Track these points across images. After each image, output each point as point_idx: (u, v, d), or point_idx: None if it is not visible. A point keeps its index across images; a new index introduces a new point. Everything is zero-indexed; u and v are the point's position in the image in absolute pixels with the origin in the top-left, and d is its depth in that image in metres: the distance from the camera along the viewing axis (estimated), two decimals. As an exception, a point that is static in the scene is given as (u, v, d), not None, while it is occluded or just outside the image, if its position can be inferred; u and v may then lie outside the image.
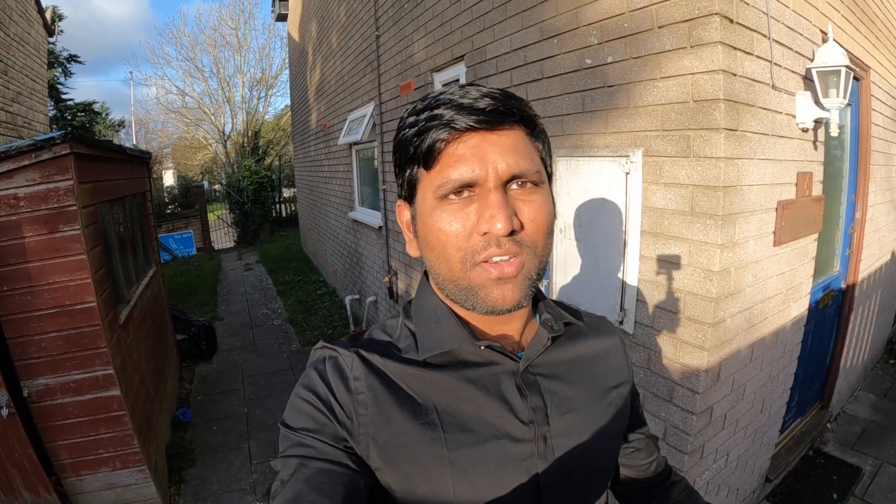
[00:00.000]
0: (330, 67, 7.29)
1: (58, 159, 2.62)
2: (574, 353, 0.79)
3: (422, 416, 0.66)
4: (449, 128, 0.61)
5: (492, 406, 0.68)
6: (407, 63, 4.27)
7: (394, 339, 0.74)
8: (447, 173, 0.62)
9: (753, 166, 1.91)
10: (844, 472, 3.04)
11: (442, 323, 0.70)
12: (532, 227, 0.64)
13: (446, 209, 0.63)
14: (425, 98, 0.65)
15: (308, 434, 0.64)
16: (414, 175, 0.67)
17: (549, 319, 0.75)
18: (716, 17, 1.69)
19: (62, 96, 17.37)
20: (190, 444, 4.08)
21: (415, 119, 0.64)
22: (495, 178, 0.61)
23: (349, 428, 0.65)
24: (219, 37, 20.98)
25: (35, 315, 2.70)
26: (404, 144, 0.66)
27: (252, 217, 15.05)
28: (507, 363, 0.71)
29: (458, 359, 0.70)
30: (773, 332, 2.28)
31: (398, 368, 0.69)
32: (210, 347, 5.97)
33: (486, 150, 0.62)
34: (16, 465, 2.73)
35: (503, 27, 2.81)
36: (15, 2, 5.63)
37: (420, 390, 0.68)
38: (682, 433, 2.00)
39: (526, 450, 0.68)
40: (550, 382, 0.73)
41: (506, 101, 0.63)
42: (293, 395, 0.70)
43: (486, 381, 0.69)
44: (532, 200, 0.64)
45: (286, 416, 0.68)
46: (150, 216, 5.18)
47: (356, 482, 0.62)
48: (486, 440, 0.67)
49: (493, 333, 0.72)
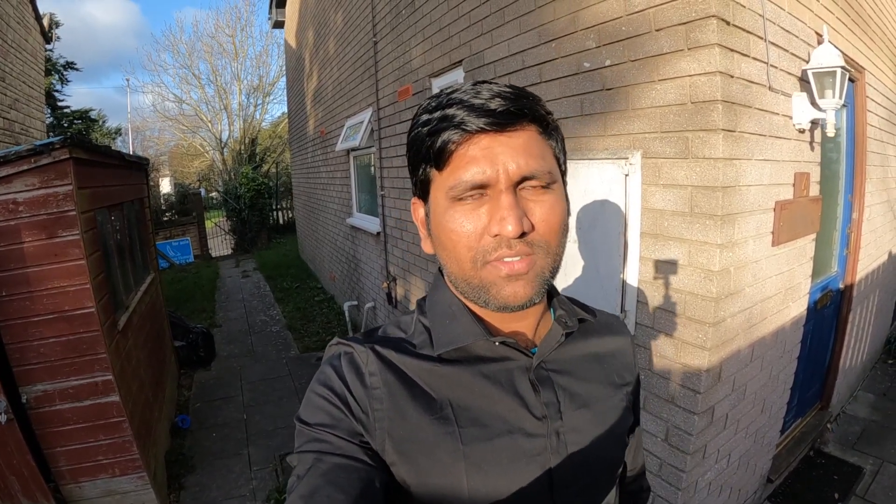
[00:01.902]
0: (327, 74, 7.31)
1: (57, 164, 2.62)
2: (587, 349, 0.79)
3: (436, 410, 0.67)
4: (460, 129, 0.61)
5: (506, 401, 0.69)
6: (405, 69, 4.29)
7: (408, 335, 0.74)
8: (459, 175, 0.63)
9: (751, 167, 1.92)
10: (845, 471, 3.04)
11: (457, 319, 0.71)
12: (544, 228, 0.64)
13: (458, 210, 0.64)
14: (439, 95, 0.66)
15: (324, 429, 0.65)
16: (427, 174, 0.68)
17: (563, 316, 0.76)
18: (712, 20, 1.70)
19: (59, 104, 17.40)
20: (189, 450, 4.06)
21: (428, 118, 0.64)
22: (506, 180, 0.62)
23: (365, 423, 0.66)
24: (216, 44, 21.01)
25: (34, 320, 2.69)
26: (417, 143, 0.66)
27: (249, 224, 15.05)
28: (520, 359, 0.71)
29: (472, 354, 0.71)
30: (773, 332, 2.29)
31: (413, 364, 0.70)
32: (208, 354, 5.96)
33: (496, 152, 0.62)
34: (14, 472, 2.71)
35: (501, 32, 2.83)
36: (12, 8, 5.64)
37: (435, 385, 0.68)
38: (684, 433, 2.00)
39: (539, 444, 0.69)
40: (563, 378, 0.74)
41: (517, 100, 0.63)
42: (309, 390, 0.70)
43: (500, 377, 0.70)
44: (544, 201, 0.64)
45: (302, 412, 0.68)
46: (148, 222, 5.18)
47: (372, 477, 0.62)
48: (499, 435, 0.67)
49: (507, 329, 0.73)
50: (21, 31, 5.87)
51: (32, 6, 6.41)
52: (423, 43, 3.86)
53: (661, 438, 2.10)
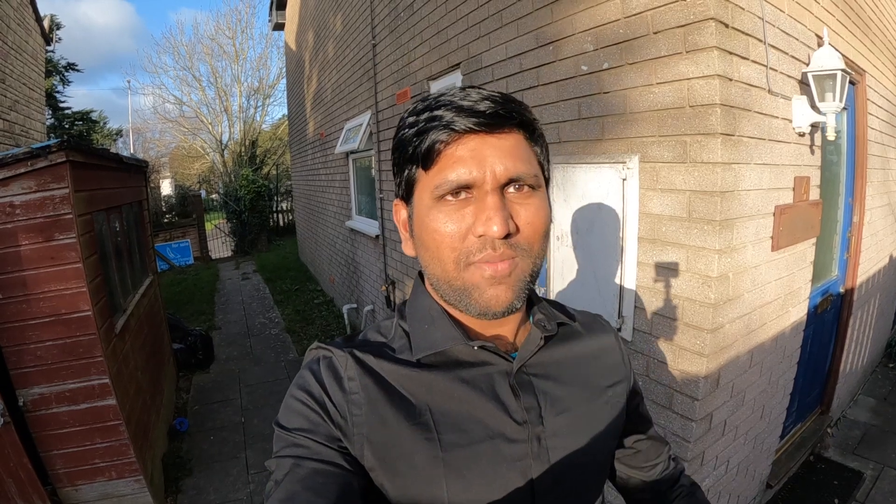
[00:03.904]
0: (327, 76, 7.31)
1: (54, 167, 2.61)
2: (568, 352, 0.79)
3: (415, 416, 0.66)
4: (448, 129, 0.61)
5: (486, 406, 0.68)
6: (403, 72, 4.28)
7: (388, 339, 0.74)
8: (445, 174, 0.62)
9: (750, 171, 1.91)
10: (846, 476, 3.02)
11: (436, 323, 0.71)
12: (528, 230, 0.64)
13: (442, 209, 0.64)
14: (426, 98, 0.66)
15: (302, 434, 0.64)
16: (412, 175, 0.67)
17: (543, 319, 0.76)
18: (711, 22, 1.69)
19: (60, 105, 17.42)
20: (186, 453, 4.04)
21: (415, 119, 0.64)
22: (493, 181, 0.62)
23: (343, 428, 0.65)
24: (216, 46, 21.05)
25: (31, 323, 2.68)
26: (403, 144, 0.66)
27: (249, 226, 15.04)
28: (500, 363, 0.71)
29: (451, 359, 0.70)
30: (773, 338, 2.27)
31: (392, 369, 0.69)
32: (207, 357, 5.94)
33: (484, 153, 0.62)
34: (11, 475, 2.70)
35: (499, 35, 2.82)
36: (13, 10, 5.64)
37: (414, 391, 0.68)
38: (682, 440, 1.99)
39: (520, 450, 0.68)
40: (544, 382, 0.73)
41: (506, 104, 0.63)
42: (287, 395, 0.69)
43: (480, 382, 0.69)
44: (529, 204, 0.64)
45: (280, 417, 0.68)
46: (146, 225, 5.17)
47: (350, 482, 0.62)
48: (480, 440, 0.66)
49: (487, 334, 0.73)
50: (21, 32, 5.87)
51: (33, 8, 6.42)
52: (422, 46, 3.85)
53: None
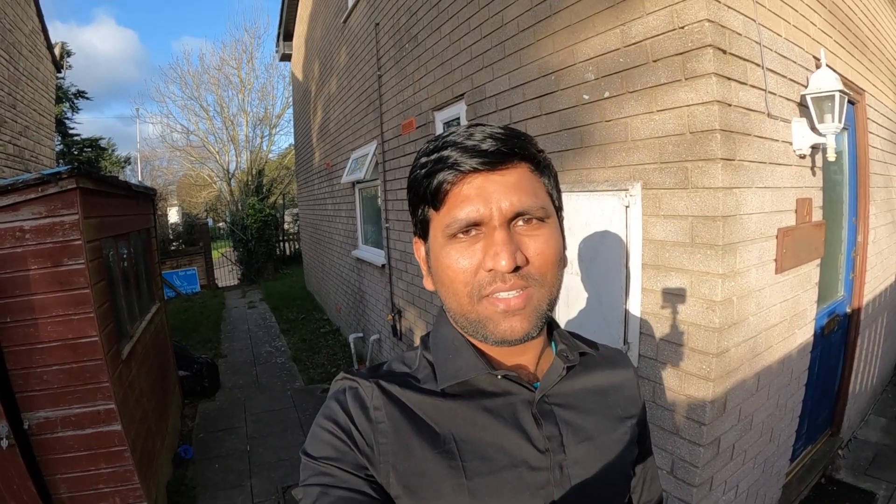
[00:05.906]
0: (333, 106, 7.42)
1: (64, 193, 2.66)
2: (589, 383, 0.80)
3: (440, 444, 0.67)
4: (454, 170, 0.64)
5: (509, 435, 0.70)
6: (408, 102, 4.36)
7: (413, 370, 0.76)
8: (454, 213, 0.65)
9: (752, 195, 1.92)
10: (858, 498, 2.97)
11: (459, 353, 0.72)
12: (539, 261, 0.66)
13: (455, 247, 0.66)
14: (436, 138, 0.69)
15: (329, 463, 0.65)
16: (426, 214, 0.70)
17: (565, 350, 0.77)
18: (709, 49, 1.73)
19: (69, 131, 17.65)
20: (191, 481, 4.01)
21: (425, 160, 0.67)
22: (500, 217, 0.64)
23: (370, 456, 0.66)
24: (222, 76, 21.42)
25: (37, 347, 2.69)
26: (415, 185, 0.69)
27: (256, 255, 15.09)
28: (523, 393, 0.72)
29: (475, 388, 0.72)
30: (779, 360, 2.26)
31: (417, 398, 0.71)
32: (213, 384, 5.92)
33: (489, 191, 0.64)
34: (14, 497, 2.68)
35: (502, 65, 2.88)
36: (25, 37, 5.79)
37: (438, 420, 0.69)
38: (690, 465, 1.97)
39: (542, 478, 0.69)
40: (566, 412, 0.74)
41: (508, 140, 0.66)
42: (314, 424, 0.71)
43: (503, 411, 0.71)
44: (538, 235, 0.66)
45: (307, 446, 0.69)
46: (154, 252, 5.21)
47: None
48: (503, 468, 0.67)
49: (508, 363, 0.74)
50: (33, 59, 6.01)
51: (45, 35, 6.58)
52: (426, 76, 3.93)
53: (666, 471, 2.07)
